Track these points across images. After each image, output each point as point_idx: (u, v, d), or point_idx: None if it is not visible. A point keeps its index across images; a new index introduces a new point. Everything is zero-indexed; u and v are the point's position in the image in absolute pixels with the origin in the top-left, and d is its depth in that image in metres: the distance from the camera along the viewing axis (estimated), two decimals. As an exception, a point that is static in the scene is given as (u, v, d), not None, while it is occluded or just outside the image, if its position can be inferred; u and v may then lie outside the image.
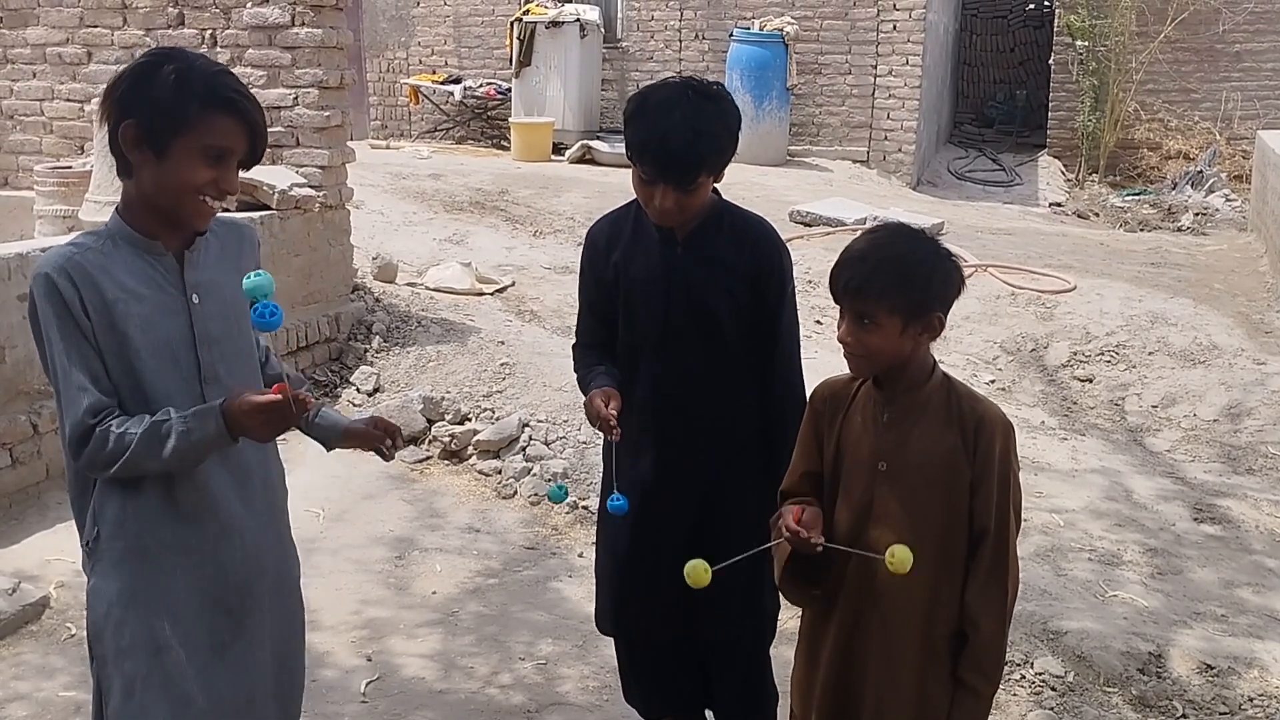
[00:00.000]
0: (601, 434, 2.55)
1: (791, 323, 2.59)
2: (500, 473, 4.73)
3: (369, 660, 3.42)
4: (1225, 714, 3.21)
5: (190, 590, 1.91)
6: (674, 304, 2.49)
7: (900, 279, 1.97)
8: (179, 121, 1.80)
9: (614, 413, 2.42)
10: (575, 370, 2.68)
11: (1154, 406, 5.73)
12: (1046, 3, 15.62)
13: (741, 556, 2.10)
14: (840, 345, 2.03)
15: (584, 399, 2.55)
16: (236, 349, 1.97)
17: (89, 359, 1.81)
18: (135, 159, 1.84)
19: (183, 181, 1.83)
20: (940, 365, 2.11)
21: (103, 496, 1.90)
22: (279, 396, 1.80)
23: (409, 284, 6.44)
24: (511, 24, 12.06)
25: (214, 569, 1.93)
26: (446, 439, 4.89)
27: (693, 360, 2.52)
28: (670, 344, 2.52)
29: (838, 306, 2.04)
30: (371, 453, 2.18)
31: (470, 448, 4.87)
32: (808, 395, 2.26)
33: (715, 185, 2.50)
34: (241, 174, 1.93)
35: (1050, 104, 13.86)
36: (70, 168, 5.74)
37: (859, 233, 2.14)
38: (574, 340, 2.73)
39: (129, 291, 1.84)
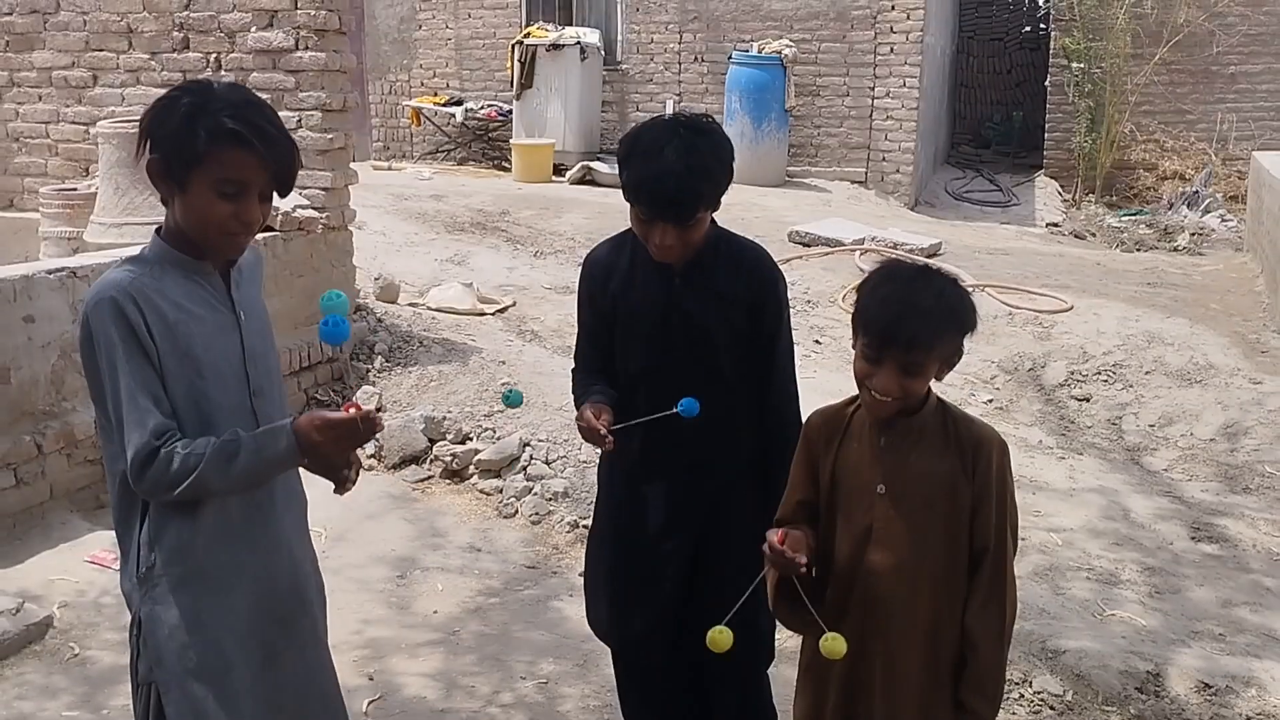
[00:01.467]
0: (595, 448, 2.56)
1: (788, 349, 2.61)
2: (501, 492, 4.75)
3: (370, 680, 3.43)
4: (1223, 732, 3.23)
5: (247, 605, 1.96)
6: (672, 334, 2.50)
7: (956, 328, 2.00)
8: (190, 156, 1.82)
9: (604, 425, 2.42)
10: (574, 393, 2.69)
11: (1151, 426, 5.75)
12: (1042, 25, 15.72)
13: (742, 600, 2.09)
14: (874, 390, 2.00)
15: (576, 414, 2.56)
16: (273, 363, 2.04)
17: (151, 382, 1.83)
18: (163, 191, 1.88)
19: (203, 215, 1.86)
20: (933, 387, 2.13)
21: (158, 523, 1.91)
22: (353, 415, 1.84)
23: (411, 304, 6.48)
24: (512, 46, 12.13)
25: (268, 582, 1.99)
26: (448, 458, 4.91)
27: (691, 388, 2.52)
28: (668, 373, 2.53)
29: (878, 353, 1.98)
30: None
31: (471, 467, 4.89)
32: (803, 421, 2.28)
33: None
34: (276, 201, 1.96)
35: (1046, 125, 13.93)
36: (75, 190, 5.78)
37: (889, 271, 2.08)
38: (574, 366, 2.75)
39: (188, 312, 1.87)
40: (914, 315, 1.95)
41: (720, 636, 2.04)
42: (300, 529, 2.10)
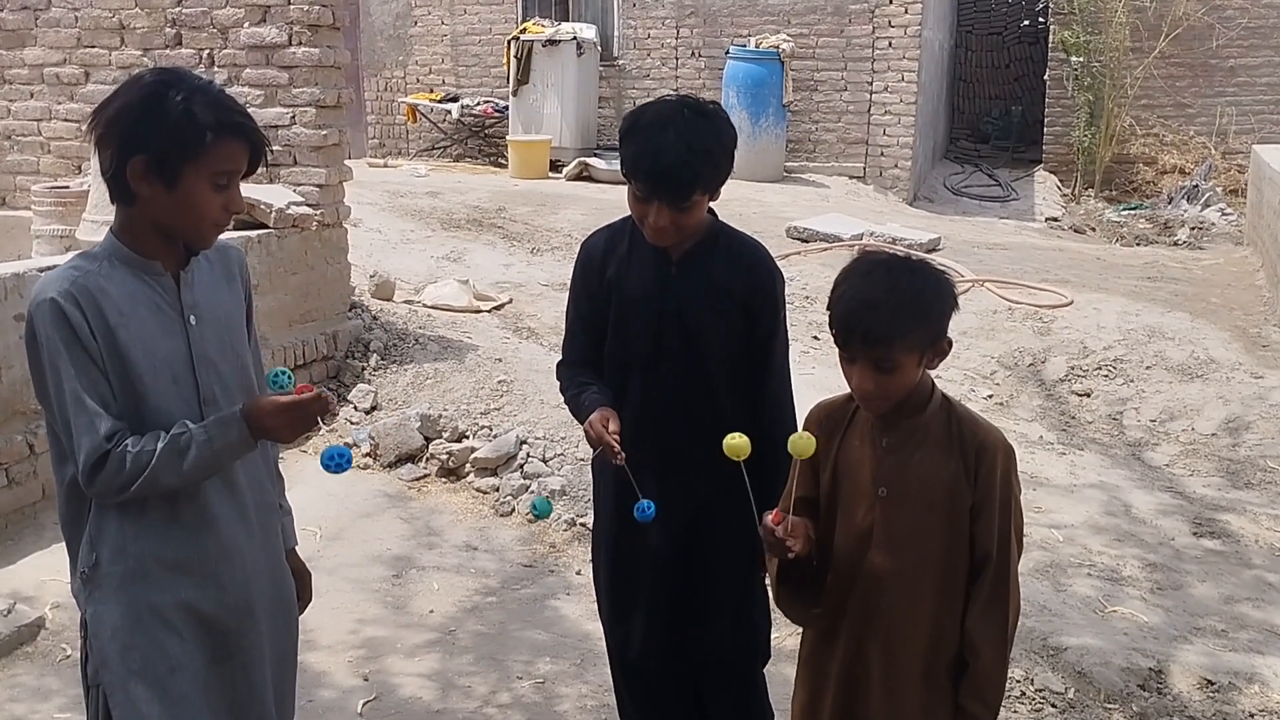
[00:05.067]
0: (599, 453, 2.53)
1: (783, 348, 2.58)
2: (498, 490, 4.72)
3: (366, 680, 3.41)
4: (1227, 730, 3.20)
5: (191, 607, 1.91)
6: (665, 324, 2.48)
7: (917, 318, 1.94)
8: (192, 152, 1.79)
9: (616, 437, 2.40)
10: (563, 391, 2.64)
11: (1152, 421, 5.73)
12: (1041, 19, 15.70)
13: (753, 500, 2.13)
14: (852, 390, 2.00)
15: (584, 422, 2.51)
16: (231, 369, 1.97)
17: (99, 384, 1.80)
18: (143, 191, 1.82)
19: (195, 209, 1.83)
20: (939, 386, 2.09)
21: (100, 522, 1.88)
22: (304, 397, 1.83)
23: (406, 302, 6.45)
24: (509, 42, 12.10)
25: (215, 589, 1.93)
26: (444, 457, 4.88)
27: (683, 381, 2.50)
28: (660, 364, 2.50)
29: (846, 351, 1.97)
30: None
31: (468, 465, 4.86)
32: (799, 419, 2.25)
33: (711, 206, 2.50)
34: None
35: (1046, 119, 13.91)
36: (67, 187, 5.75)
37: (850, 266, 2.05)
38: (560, 359, 2.70)
39: (128, 314, 1.83)
40: (866, 311, 1.93)
41: (738, 441, 2.12)
42: (261, 542, 2.02)
